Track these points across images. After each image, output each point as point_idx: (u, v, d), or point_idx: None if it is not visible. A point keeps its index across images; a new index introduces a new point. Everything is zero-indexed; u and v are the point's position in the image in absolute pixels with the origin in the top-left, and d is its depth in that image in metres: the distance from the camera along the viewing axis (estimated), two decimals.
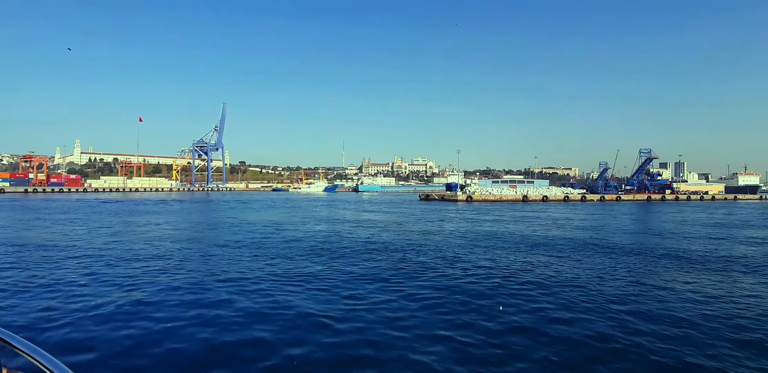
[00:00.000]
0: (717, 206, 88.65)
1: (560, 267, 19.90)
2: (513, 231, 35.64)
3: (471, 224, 42.11)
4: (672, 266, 20.41)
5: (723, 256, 23.79)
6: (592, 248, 26.41)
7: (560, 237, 31.64)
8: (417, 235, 32.57)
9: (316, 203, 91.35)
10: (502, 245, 27.03)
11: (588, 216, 55.88)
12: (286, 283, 15.93)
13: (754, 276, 18.44)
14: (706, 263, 21.41)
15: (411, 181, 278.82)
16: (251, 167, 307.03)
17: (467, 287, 15.59)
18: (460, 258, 22.01)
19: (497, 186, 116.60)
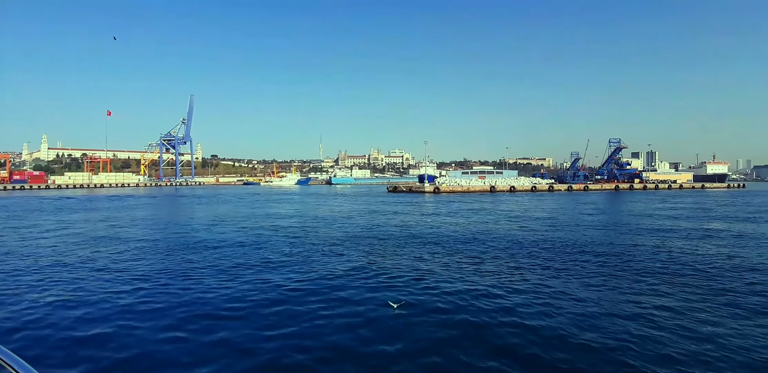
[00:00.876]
0: (683, 195, 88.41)
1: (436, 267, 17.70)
2: (448, 223, 33.57)
3: (419, 217, 39.97)
4: (577, 261, 18.43)
5: (633, 248, 21.98)
6: (511, 245, 24.36)
7: (490, 231, 29.63)
8: (337, 231, 30.21)
9: (280, 196, 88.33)
10: (418, 241, 24.82)
11: (547, 207, 54.32)
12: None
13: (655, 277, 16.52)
14: (607, 261, 19.48)
15: (387, 173, 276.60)
16: (223, 161, 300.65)
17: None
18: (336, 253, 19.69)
19: (466, 177, 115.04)
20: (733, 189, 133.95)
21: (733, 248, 21.96)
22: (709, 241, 24.40)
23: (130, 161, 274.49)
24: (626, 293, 13.30)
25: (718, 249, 21.52)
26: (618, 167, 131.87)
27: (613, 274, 15.99)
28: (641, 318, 10.87)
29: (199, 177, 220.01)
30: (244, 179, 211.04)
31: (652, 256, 19.67)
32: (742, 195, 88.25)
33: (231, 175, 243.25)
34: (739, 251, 20.86)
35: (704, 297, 12.77)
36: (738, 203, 60.05)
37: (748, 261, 18.38)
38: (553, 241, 24.28)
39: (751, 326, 10.40)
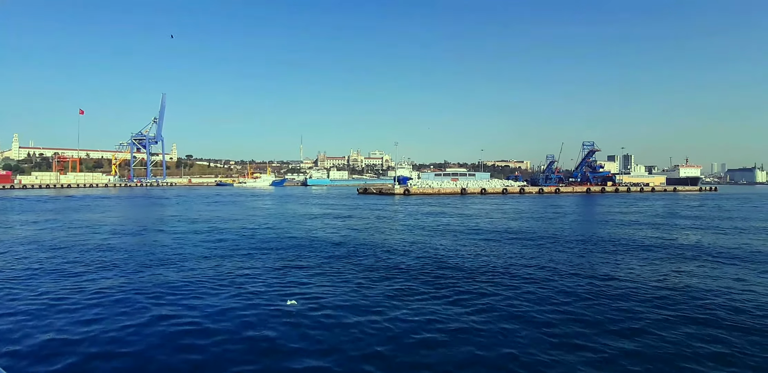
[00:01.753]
0: (652, 198, 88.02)
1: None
2: (389, 229, 31.55)
3: (368, 221, 37.85)
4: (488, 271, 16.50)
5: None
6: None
7: (421, 241, 27.68)
8: (272, 234, 27.94)
9: (242, 198, 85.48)
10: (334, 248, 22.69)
11: (509, 209, 52.72)
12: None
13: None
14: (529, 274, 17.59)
15: (366, 174, 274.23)
16: (199, 161, 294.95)
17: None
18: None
19: (439, 179, 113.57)
20: (705, 192, 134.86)
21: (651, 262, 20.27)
22: (636, 255, 22.61)
23: (102, 161, 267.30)
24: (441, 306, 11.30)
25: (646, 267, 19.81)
26: (591, 170, 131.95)
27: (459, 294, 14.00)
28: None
29: (171, 177, 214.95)
30: (217, 180, 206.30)
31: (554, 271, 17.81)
32: (711, 198, 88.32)
33: (205, 176, 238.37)
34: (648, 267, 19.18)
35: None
36: (703, 208, 59.36)
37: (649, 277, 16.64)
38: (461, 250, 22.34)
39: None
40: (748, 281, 14.97)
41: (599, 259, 19.42)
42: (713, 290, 13.58)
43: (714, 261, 18.87)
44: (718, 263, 18.35)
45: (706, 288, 13.88)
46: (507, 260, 19.05)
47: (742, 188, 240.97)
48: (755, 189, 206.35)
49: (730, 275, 16.03)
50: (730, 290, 13.59)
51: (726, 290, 13.58)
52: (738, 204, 67.20)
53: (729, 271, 16.77)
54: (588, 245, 23.69)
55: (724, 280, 15.10)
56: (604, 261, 18.85)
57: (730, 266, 17.75)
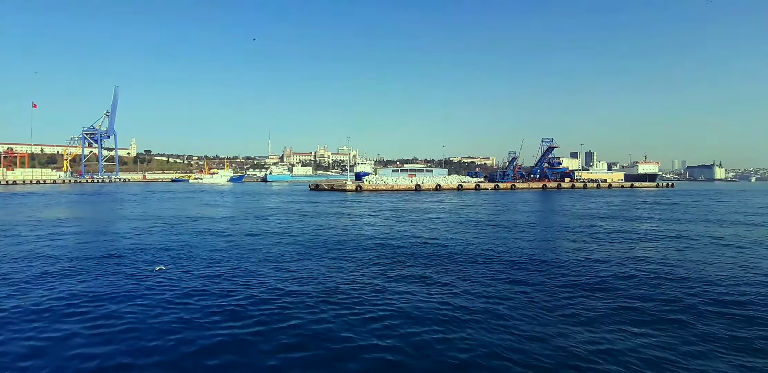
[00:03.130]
0: (607, 194, 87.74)
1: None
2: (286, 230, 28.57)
3: (273, 221, 34.77)
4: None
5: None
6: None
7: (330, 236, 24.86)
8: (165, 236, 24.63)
9: (189, 194, 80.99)
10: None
11: (448, 206, 50.41)
12: None
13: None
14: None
15: (332, 170, 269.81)
16: (158, 157, 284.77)
17: None
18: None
19: (396, 175, 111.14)
20: (662, 188, 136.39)
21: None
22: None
23: (56, 157, 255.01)
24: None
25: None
26: (550, 166, 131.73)
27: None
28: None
29: (125, 173, 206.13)
30: (173, 176, 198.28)
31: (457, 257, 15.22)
32: (662, 195, 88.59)
33: (163, 172, 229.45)
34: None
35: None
36: (649, 202, 58.44)
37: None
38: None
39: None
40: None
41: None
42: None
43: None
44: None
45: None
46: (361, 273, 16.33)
47: (700, 184, 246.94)
48: (713, 185, 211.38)
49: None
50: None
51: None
52: (680, 199, 66.90)
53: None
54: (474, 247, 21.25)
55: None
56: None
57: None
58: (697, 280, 14.98)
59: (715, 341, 9.62)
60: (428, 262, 17.87)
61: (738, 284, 14.53)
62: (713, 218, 38.86)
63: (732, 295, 13.18)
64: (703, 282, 14.65)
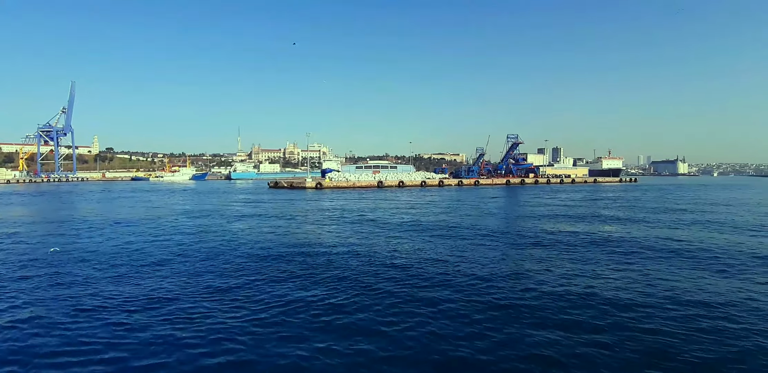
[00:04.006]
0: (568, 189, 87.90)
1: None
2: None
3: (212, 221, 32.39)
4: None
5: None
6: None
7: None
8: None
9: (142, 194, 77.17)
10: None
11: (401, 203, 48.76)
12: None
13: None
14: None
15: (301, 167, 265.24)
16: (121, 154, 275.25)
17: None
18: None
19: (360, 171, 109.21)
20: (625, 183, 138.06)
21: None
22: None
23: (14, 155, 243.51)
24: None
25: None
26: (515, 162, 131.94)
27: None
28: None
29: (84, 172, 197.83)
30: (133, 175, 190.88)
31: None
32: (623, 190, 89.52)
33: (124, 170, 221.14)
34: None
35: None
36: (607, 198, 58.06)
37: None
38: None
39: None
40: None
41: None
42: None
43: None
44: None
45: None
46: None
47: (663, 179, 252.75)
48: (676, 180, 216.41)
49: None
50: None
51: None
52: (640, 194, 67.07)
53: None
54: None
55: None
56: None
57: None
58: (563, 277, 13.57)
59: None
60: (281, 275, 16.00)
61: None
62: (651, 212, 38.30)
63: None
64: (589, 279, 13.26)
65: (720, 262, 17.07)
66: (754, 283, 13.84)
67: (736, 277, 14.67)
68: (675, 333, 9.61)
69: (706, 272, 15.41)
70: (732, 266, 16.37)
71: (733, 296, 12.41)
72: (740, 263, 16.95)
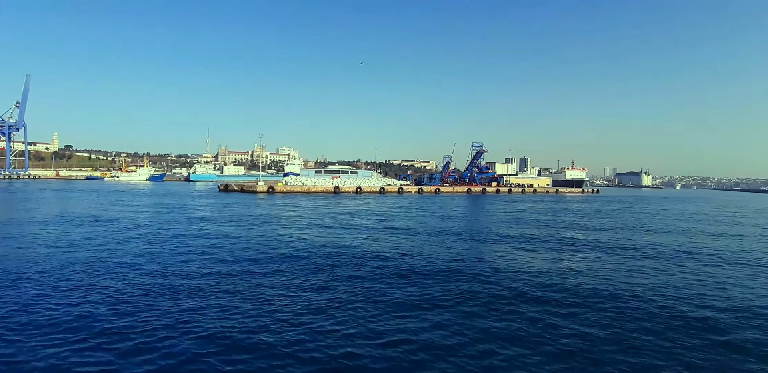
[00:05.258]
0: (528, 199, 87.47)
1: None
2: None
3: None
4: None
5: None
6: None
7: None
8: None
9: (82, 194, 72.35)
10: None
11: (342, 211, 46.23)
12: None
13: None
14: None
15: (268, 171, 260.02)
16: (79, 152, 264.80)
17: None
18: None
19: (319, 176, 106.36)
20: (587, 194, 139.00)
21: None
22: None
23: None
24: None
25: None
26: (478, 171, 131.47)
27: None
28: None
29: (37, 170, 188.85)
30: (88, 174, 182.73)
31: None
32: (580, 201, 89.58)
33: (81, 169, 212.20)
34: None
35: None
36: (560, 209, 56.79)
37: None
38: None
39: None
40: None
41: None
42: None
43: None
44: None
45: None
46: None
47: (627, 190, 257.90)
48: (640, 192, 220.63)
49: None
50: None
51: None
52: (584, 206, 66.39)
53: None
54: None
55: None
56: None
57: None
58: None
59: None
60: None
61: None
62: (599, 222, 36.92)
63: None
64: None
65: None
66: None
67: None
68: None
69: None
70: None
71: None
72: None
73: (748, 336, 10.23)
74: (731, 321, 11.31)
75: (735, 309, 12.35)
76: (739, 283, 15.77)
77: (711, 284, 15.52)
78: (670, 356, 9.06)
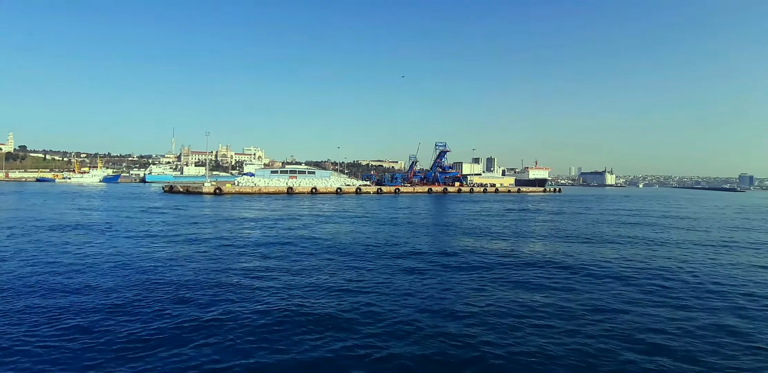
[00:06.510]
0: (486, 199, 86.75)
1: None
2: None
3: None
4: None
5: None
6: None
7: None
8: None
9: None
10: None
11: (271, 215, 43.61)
12: None
13: None
14: None
15: (232, 171, 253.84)
16: (34, 153, 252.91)
17: None
18: None
19: (274, 176, 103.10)
20: (549, 193, 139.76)
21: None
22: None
23: None
24: None
25: None
26: (441, 171, 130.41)
27: None
28: None
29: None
30: (38, 176, 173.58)
31: None
32: (538, 200, 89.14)
33: (37, 171, 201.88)
34: None
35: None
36: (507, 209, 55.45)
37: None
38: None
39: None
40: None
41: None
42: None
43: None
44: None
45: None
46: None
47: (590, 189, 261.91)
48: (603, 191, 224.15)
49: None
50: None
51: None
52: (532, 206, 65.65)
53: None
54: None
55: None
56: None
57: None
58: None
59: None
60: None
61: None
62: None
63: None
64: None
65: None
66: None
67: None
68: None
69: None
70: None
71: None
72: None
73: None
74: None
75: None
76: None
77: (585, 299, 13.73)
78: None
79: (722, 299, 13.66)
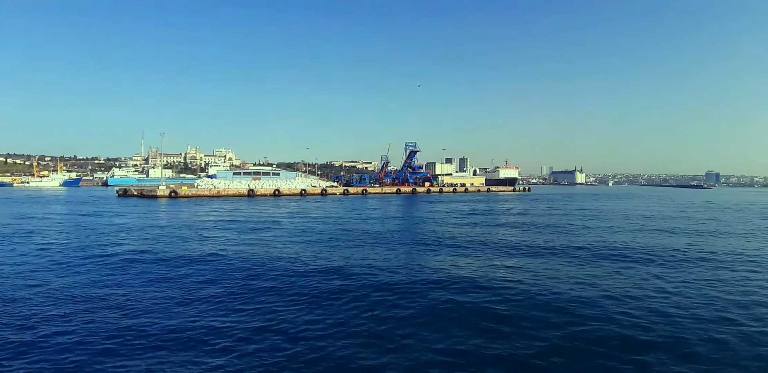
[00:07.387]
0: (454, 199, 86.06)
1: None
2: None
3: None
4: None
5: None
6: None
7: None
8: None
9: None
10: None
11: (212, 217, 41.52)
12: None
13: None
14: None
15: (200, 173, 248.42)
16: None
17: None
18: None
19: (237, 178, 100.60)
20: (519, 192, 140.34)
21: None
22: None
23: None
24: None
25: None
26: (411, 171, 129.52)
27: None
28: None
29: None
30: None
31: None
32: (504, 200, 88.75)
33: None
34: None
35: None
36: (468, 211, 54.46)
37: None
38: None
39: None
40: None
41: None
42: None
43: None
44: None
45: None
46: None
47: (560, 188, 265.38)
48: (573, 189, 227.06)
49: None
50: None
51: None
52: (494, 204, 65.03)
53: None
54: None
55: None
56: None
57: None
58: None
59: None
60: None
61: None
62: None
63: None
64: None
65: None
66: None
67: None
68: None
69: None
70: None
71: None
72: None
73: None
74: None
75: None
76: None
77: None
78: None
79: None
